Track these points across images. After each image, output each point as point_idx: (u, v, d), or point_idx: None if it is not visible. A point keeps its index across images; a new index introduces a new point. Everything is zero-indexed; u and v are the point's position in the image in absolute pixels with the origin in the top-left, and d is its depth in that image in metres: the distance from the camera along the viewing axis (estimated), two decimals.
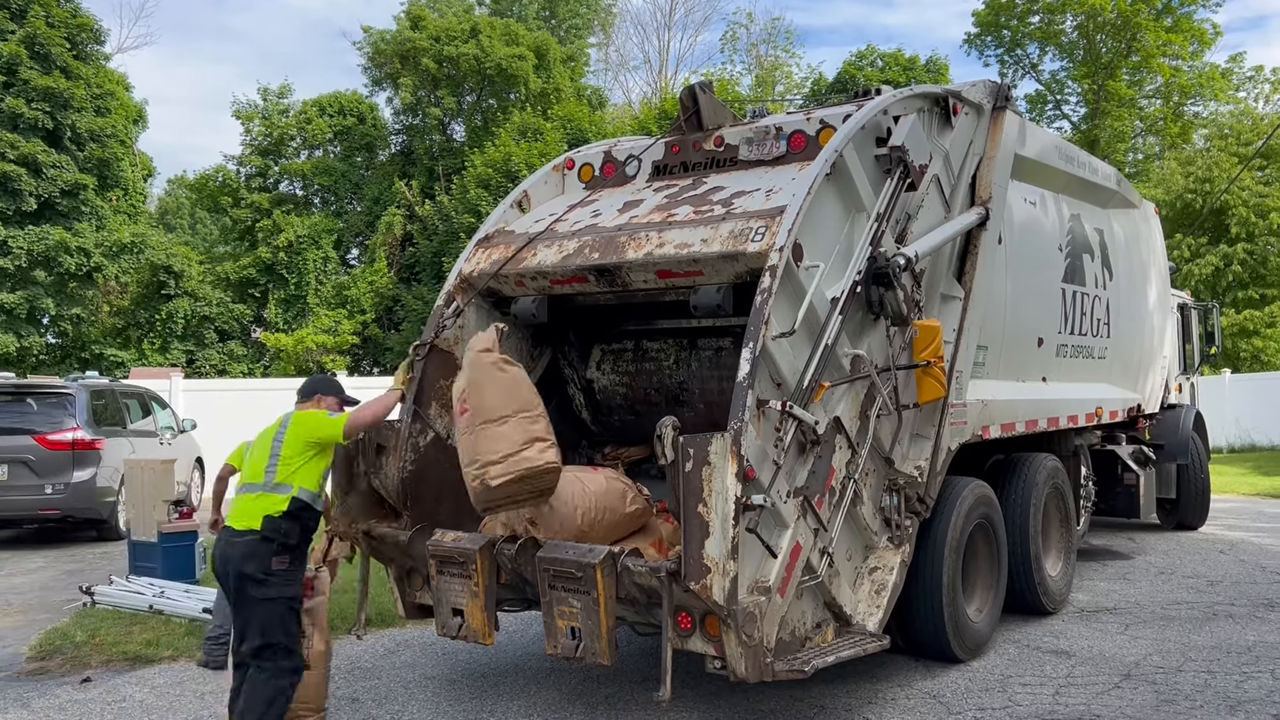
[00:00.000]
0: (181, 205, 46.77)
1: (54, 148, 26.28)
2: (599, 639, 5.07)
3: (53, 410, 12.57)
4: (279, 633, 5.04)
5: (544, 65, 32.58)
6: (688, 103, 6.85)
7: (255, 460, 5.27)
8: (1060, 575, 8.31)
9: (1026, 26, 38.21)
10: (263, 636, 5.01)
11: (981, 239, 6.97)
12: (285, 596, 5.08)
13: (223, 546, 5.14)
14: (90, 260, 26.51)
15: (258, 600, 5.01)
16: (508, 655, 7.20)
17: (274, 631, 5.02)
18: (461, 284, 6.66)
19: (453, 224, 28.03)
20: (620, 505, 5.96)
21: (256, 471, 5.21)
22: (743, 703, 5.99)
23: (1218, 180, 28.68)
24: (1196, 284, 27.97)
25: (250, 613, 5.04)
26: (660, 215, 6.11)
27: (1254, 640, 7.26)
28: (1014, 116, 7.47)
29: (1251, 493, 16.74)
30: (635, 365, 7.13)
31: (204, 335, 29.24)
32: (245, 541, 5.04)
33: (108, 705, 6.28)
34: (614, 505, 5.92)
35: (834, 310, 5.41)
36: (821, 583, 5.39)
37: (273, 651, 5.02)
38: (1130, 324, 9.98)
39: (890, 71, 33.54)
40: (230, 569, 5.05)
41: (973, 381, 6.94)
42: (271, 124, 32.70)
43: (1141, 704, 5.89)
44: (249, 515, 5.08)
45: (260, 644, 5.01)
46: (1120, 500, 10.38)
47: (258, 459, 5.25)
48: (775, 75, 42.13)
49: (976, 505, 6.86)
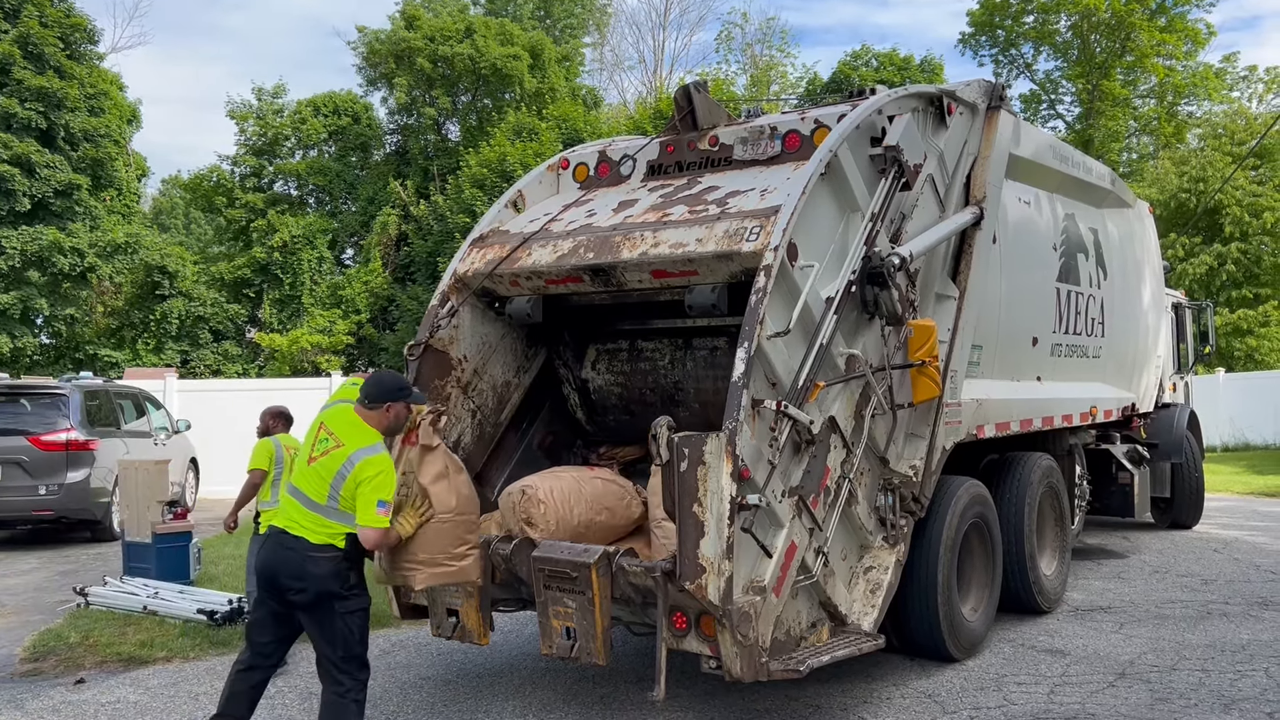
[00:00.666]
0: (176, 205, 46.67)
1: (48, 148, 26.23)
2: (594, 639, 5.07)
3: (46, 411, 12.56)
4: (358, 644, 4.87)
5: (539, 65, 32.55)
6: (682, 102, 6.85)
7: (313, 483, 4.85)
8: (1055, 574, 8.33)
9: (1021, 26, 38.31)
10: (346, 648, 4.82)
11: (976, 238, 6.98)
12: (363, 608, 4.90)
13: (283, 553, 4.84)
14: (84, 260, 26.46)
15: (341, 614, 4.79)
16: (503, 656, 7.20)
17: (355, 644, 4.86)
18: (456, 284, 6.66)
19: (447, 224, 28.00)
20: (616, 506, 5.96)
21: (319, 494, 4.82)
22: (738, 702, 5.99)
23: (1211, 180, 28.74)
24: (1190, 283, 28.03)
25: (331, 627, 4.82)
26: (655, 215, 6.11)
27: (1248, 639, 7.28)
28: (1008, 116, 7.48)
29: (1245, 491, 16.78)
30: (630, 365, 7.13)
31: (198, 335, 29.19)
32: (328, 558, 4.77)
33: (102, 706, 6.26)
34: (610, 506, 5.93)
35: (829, 310, 5.41)
36: (816, 582, 5.39)
37: (357, 664, 4.87)
38: (1125, 323, 10.00)
39: (885, 71, 33.55)
40: (310, 585, 4.76)
41: (967, 381, 6.94)
42: (266, 124, 32.65)
43: (1136, 702, 5.90)
44: (319, 530, 4.80)
45: (344, 654, 4.82)
46: (1115, 499, 10.40)
47: (317, 485, 4.83)
48: (770, 75, 42.13)
49: (971, 504, 6.87)
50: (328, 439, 4.90)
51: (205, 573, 10.08)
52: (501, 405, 6.95)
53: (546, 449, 7.30)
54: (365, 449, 4.79)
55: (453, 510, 5.19)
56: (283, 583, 4.82)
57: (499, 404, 6.93)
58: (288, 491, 5.01)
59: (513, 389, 7.04)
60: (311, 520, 4.81)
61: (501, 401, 6.95)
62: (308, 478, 4.88)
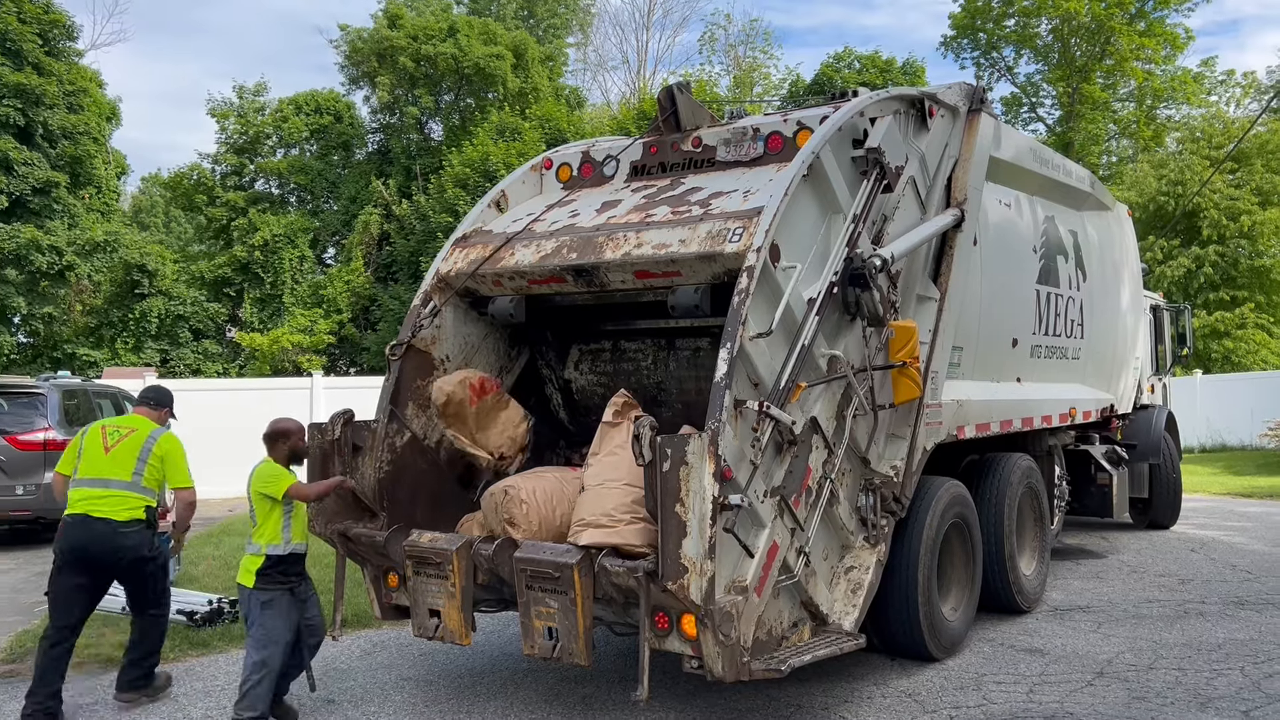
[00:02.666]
0: (155, 203, 46.31)
1: (25, 145, 25.99)
2: (576, 639, 5.07)
3: (24, 410, 12.44)
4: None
5: (522, 65, 32.51)
6: (666, 103, 6.86)
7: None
8: (1034, 574, 8.38)
9: (1002, 30, 38.55)
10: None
11: (957, 240, 7.02)
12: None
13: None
14: (62, 259, 26.23)
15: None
16: (485, 656, 7.18)
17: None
18: (439, 284, 6.64)
19: (430, 224, 27.93)
20: None
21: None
22: (720, 702, 6.00)
23: (1190, 183, 29.01)
24: (1169, 285, 28.29)
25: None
26: (638, 216, 6.12)
27: (1224, 638, 7.35)
28: (989, 119, 7.52)
29: (1222, 492, 16.94)
30: (613, 365, 7.13)
31: (178, 335, 29.00)
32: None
33: (80, 708, 6.22)
34: None
35: (811, 311, 5.43)
36: (798, 582, 5.41)
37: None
38: (1103, 325, 10.07)
39: (867, 74, 33.66)
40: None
41: (948, 382, 6.98)
42: (247, 122, 32.48)
43: (1114, 701, 5.95)
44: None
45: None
46: (1093, 500, 10.48)
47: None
48: (753, 76, 42.21)
49: (952, 505, 6.91)
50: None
51: (185, 573, 10.02)
52: None
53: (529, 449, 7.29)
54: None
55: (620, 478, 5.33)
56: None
57: None
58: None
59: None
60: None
61: None
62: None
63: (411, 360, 6.45)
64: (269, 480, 5.71)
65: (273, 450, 5.87)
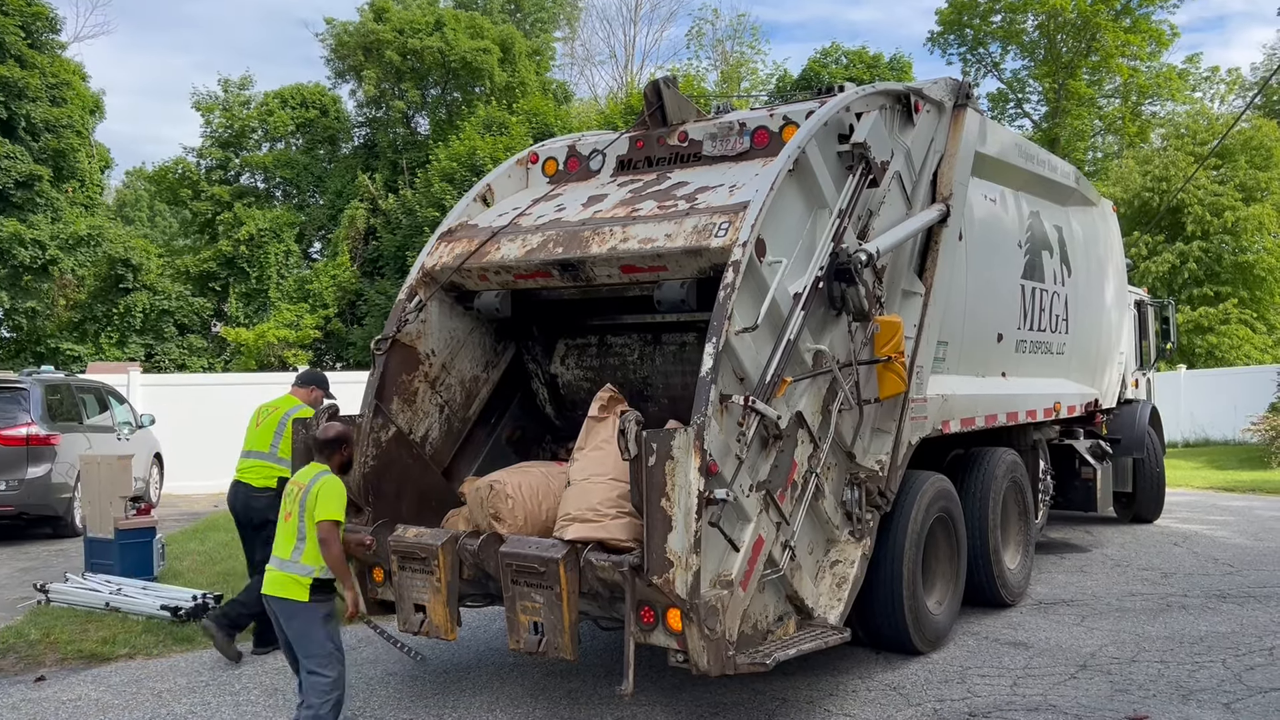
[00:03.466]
0: (140, 197, 46.10)
1: (8, 138, 25.80)
2: (562, 634, 5.07)
3: (7, 405, 12.35)
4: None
5: (509, 59, 32.43)
6: (652, 98, 6.86)
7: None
8: (1019, 568, 8.42)
9: (988, 25, 38.68)
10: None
11: (942, 235, 7.04)
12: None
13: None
14: (46, 253, 26.07)
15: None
16: (470, 651, 7.18)
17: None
18: (424, 278, 6.63)
19: (416, 218, 27.84)
20: None
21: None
22: (705, 696, 6.01)
23: (1174, 179, 29.15)
24: (1153, 281, 28.42)
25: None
26: (624, 210, 6.11)
27: (1206, 631, 7.40)
28: (975, 114, 7.54)
29: (1205, 486, 17.05)
30: (599, 360, 7.13)
31: (163, 329, 28.84)
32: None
33: (62, 704, 6.19)
34: None
35: (796, 306, 5.44)
36: (784, 576, 5.42)
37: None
38: (1088, 320, 10.12)
39: (854, 69, 33.73)
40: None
41: (933, 376, 7.00)
42: (232, 116, 32.30)
43: (1097, 694, 5.99)
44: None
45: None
46: (1078, 494, 10.53)
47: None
48: (740, 71, 42.24)
49: (937, 499, 6.94)
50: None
51: (169, 568, 9.98)
52: (470, 400, 6.93)
53: (515, 444, 7.29)
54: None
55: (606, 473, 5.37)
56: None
57: (467, 399, 6.91)
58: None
59: (481, 384, 7.02)
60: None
61: (470, 396, 6.93)
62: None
63: (397, 355, 6.43)
64: (331, 502, 5.09)
65: (327, 457, 5.36)
